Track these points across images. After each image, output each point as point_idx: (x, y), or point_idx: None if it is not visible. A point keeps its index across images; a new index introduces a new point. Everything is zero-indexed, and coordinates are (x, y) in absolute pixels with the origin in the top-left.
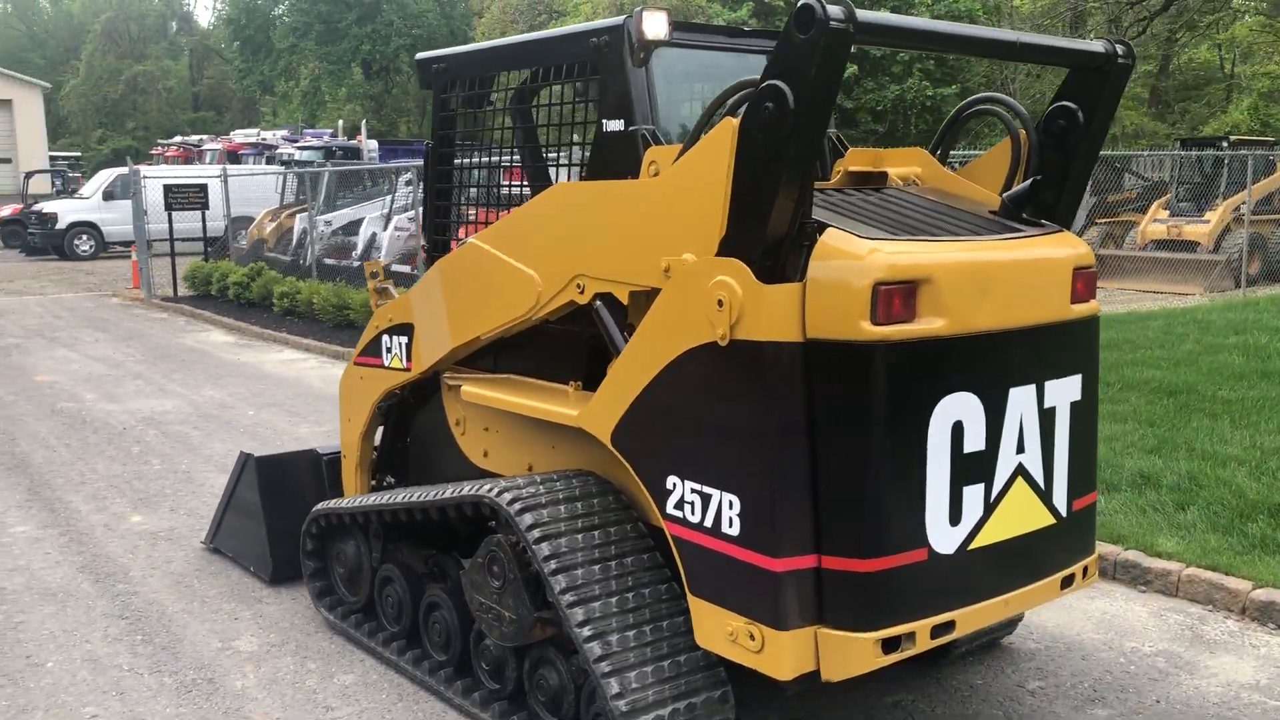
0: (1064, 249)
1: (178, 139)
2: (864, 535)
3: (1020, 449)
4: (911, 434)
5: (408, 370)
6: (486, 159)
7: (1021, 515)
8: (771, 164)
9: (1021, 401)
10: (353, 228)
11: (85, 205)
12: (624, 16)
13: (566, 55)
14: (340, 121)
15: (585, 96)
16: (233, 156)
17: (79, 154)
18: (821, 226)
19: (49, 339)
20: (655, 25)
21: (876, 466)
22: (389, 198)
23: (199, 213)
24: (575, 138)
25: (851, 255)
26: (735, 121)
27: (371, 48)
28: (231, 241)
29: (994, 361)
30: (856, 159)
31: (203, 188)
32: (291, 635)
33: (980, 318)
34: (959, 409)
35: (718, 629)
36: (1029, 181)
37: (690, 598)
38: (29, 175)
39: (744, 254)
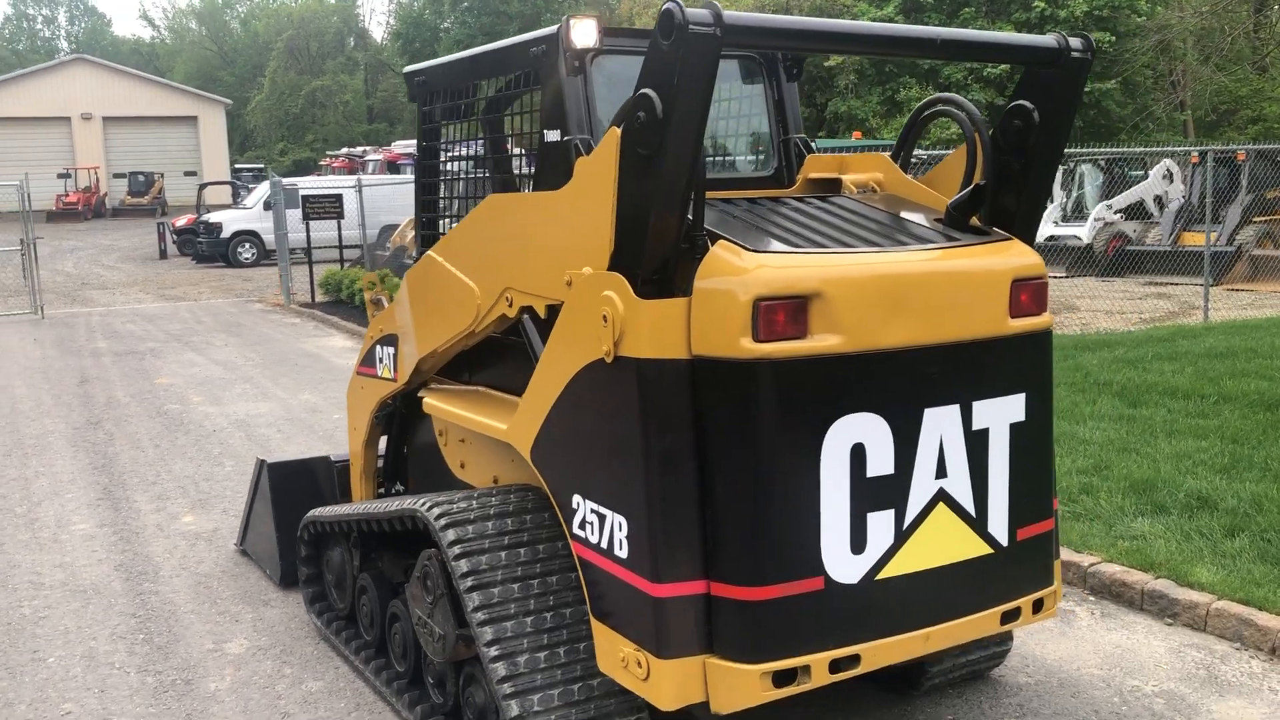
0: (1003, 259)
1: (344, 150)
2: (750, 562)
3: (941, 473)
4: (802, 457)
5: (394, 381)
6: (465, 169)
7: (946, 544)
8: (647, 175)
9: (940, 423)
10: None
11: (247, 215)
12: (559, 24)
13: (516, 65)
14: None
15: (532, 106)
16: (392, 166)
17: (262, 165)
18: (716, 239)
19: (184, 343)
20: (584, 34)
21: (762, 490)
22: None
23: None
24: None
25: (735, 270)
26: (618, 131)
27: None
28: (374, 249)
29: (904, 380)
30: (816, 165)
31: (338, 198)
32: (280, 639)
33: (886, 334)
34: (860, 430)
35: (612, 654)
36: (970, 188)
37: (592, 620)
38: (203, 186)
39: (627, 268)
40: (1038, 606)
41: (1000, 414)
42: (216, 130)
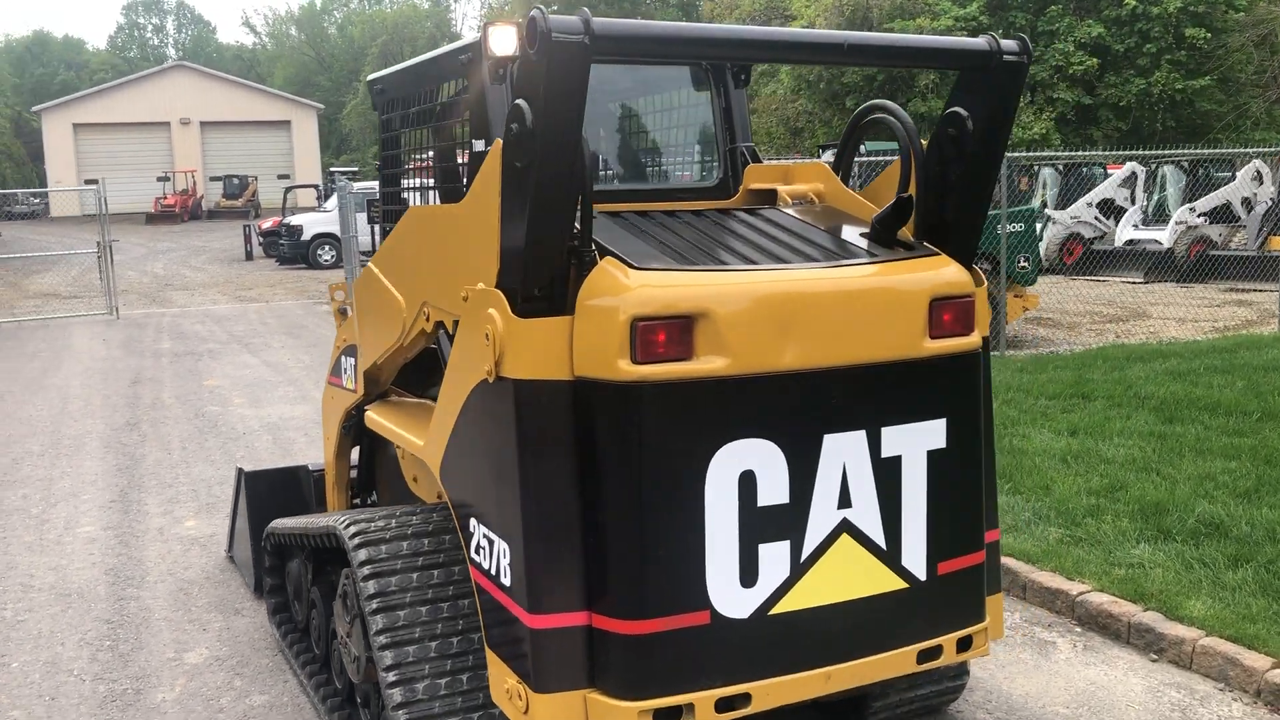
0: (920, 276)
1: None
2: (629, 594)
3: (844, 503)
4: (684, 484)
5: (355, 392)
6: (420, 176)
7: (851, 577)
8: (523, 188)
9: (843, 450)
10: None
11: (327, 218)
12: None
13: (450, 73)
14: None
15: (462, 115)
16: None
17: (356, 169)
18: (606, 255)
19: (243, 344)
20: (503, 41)
21: (641, 519)
22: None
23: None
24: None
25: (616, 288)
26: (500, 142)
27: None
28: None
29: (800, 405)
30: (756, 176)
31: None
32: (240, 650)
33: (779, 356)
34: (749, 457)
35: (499, 684)
36: (894, 201)
37: (486, 649)
38: (288, 190)
39: (509, 284)
40: (965, 644)
41: (915, 441)
42: (309, 134)
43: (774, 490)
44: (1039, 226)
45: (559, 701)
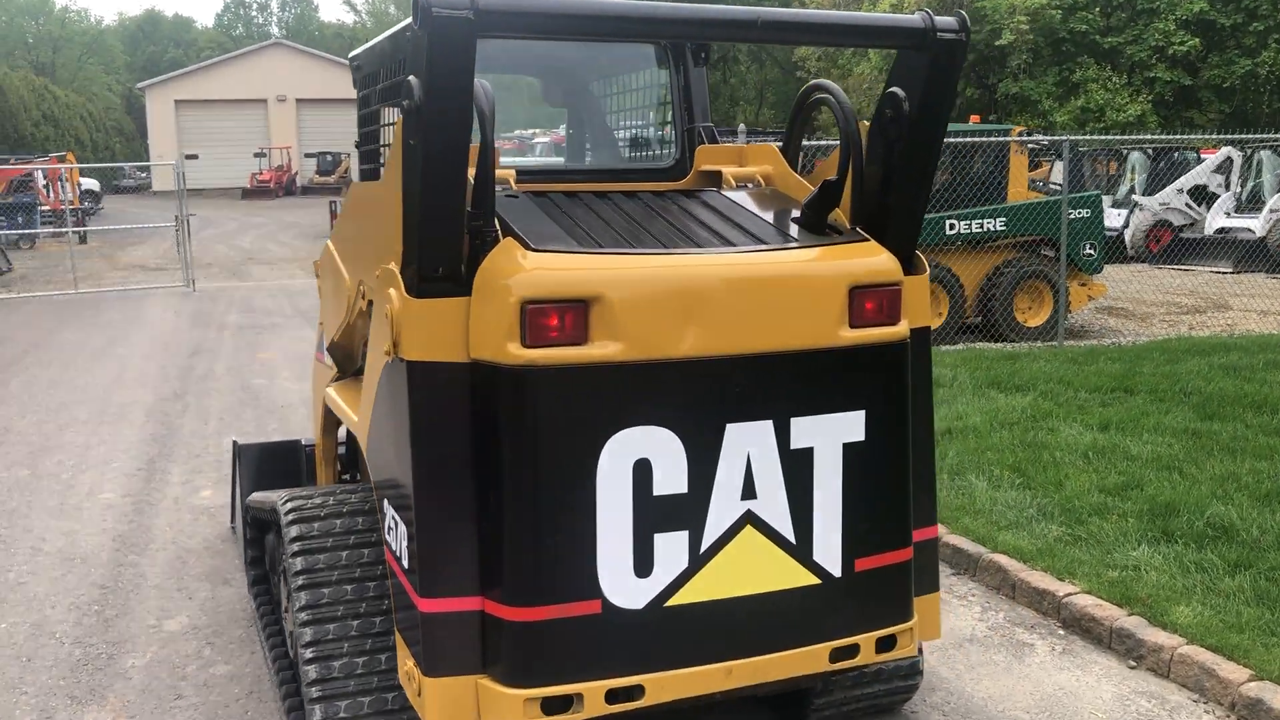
0: (839, 264)
1: (517, 132)
2: (519, 581)
3: (749, 494)
4: (575, 471)
5: (332, 368)
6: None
7: (755, 571)
8: (414, 165)
9: (747, 439)
10: None
11: None
12: None
13: (404, 50)
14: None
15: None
16: (558, 148)
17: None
18: (510, 235)
19: (306, 319)
20: None
21: (530, 505)
22: None
23: None
24: None
25: (510, 269)
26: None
27: None
28: None
29: (700, 393)
30: (707, 157)
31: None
32: (218, 620)
33: (677, 343)
34: (644, 445)
35: (402, 665)
36: (819, 186)
37: (395, 630)
38: None
39: (407, 263)
40: (886, 644)
41: (829, 433)
42: None
43: (671, 479)
44: (1124, 213)
45: (449, 686)
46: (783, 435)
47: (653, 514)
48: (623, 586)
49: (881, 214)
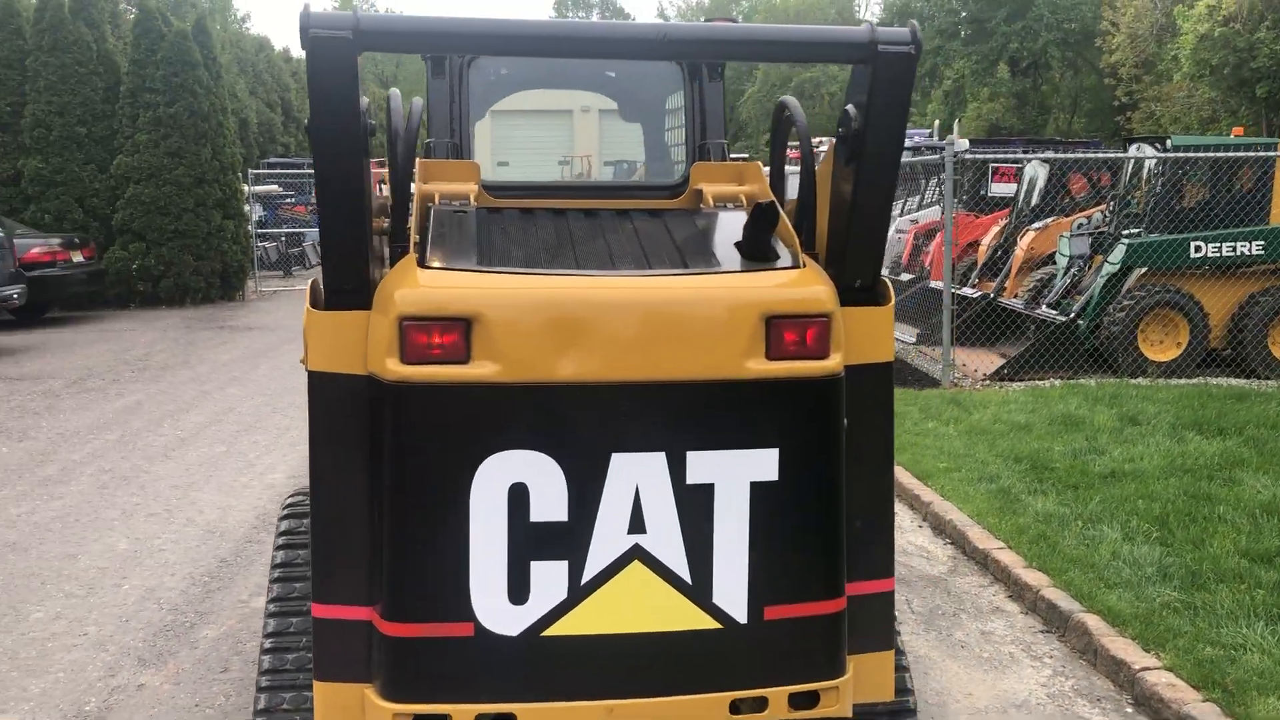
0: (756, 292)
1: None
2: (392, 595)
3: (637, 528)
4: (446, 491)
5: None
6: None
7: (643, 609)
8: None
9: (635, 471)
10: None
11: None
12: None
13: None
14: (937, 121)
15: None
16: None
17: (747, 155)
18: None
19: None
20: None
21: (402, 521)
22: (913, 199)
23: None
24: None
25: (397, 285)
26: None
27: (1019, 45)
28: None
29: (584, 420)
30: (700, 175)
31: None
32: None
33: (560, 366)
34: (521, 470)
35: None
36: (753, 208)
37: None
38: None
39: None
40: (805, 701)
41: (732, 470)
42: None
43: (550, 506)
44: None
45: (337, 691)
46: (677, 469)
47: (529, 540)
48: (497, 611)
49: (839, 238)
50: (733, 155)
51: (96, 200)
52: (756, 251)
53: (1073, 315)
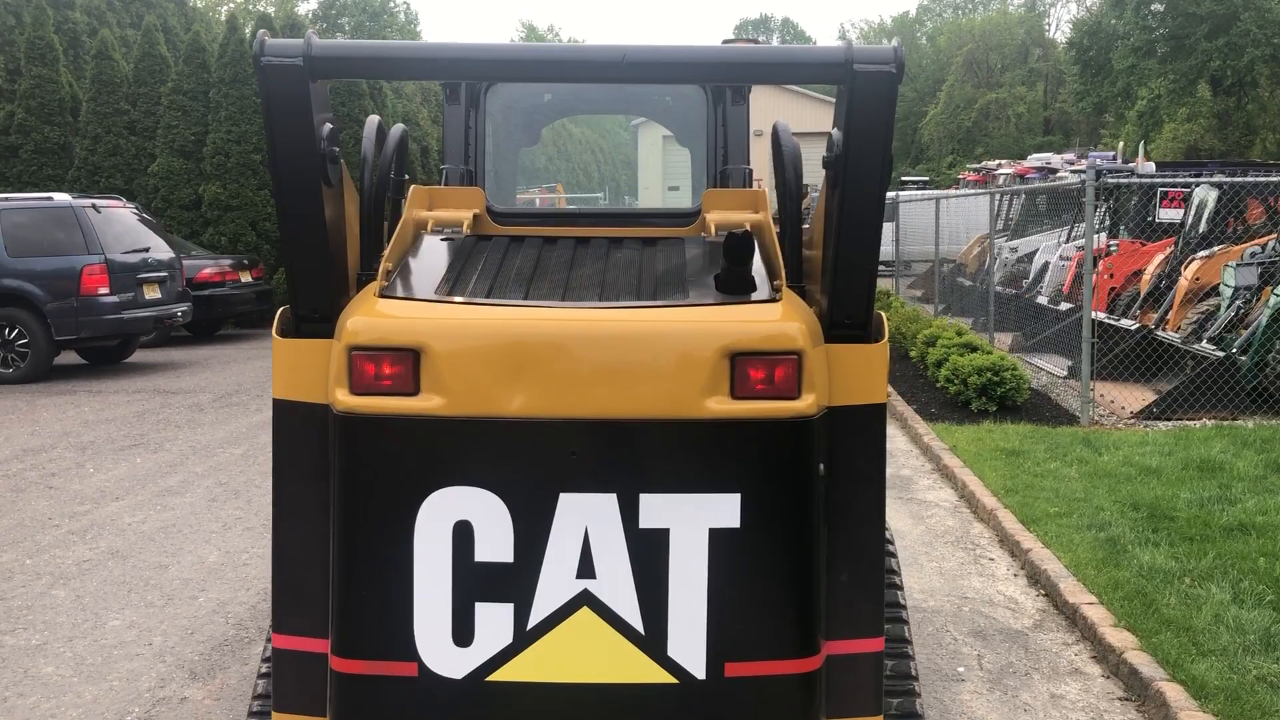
0: (718, 327)
1: (978, 165)
2: (339, 630)
3: (586, 573)
4: (390, 526)
5: None
6: None
7: (593, 658)
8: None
9: (585, 513)
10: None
11: None
12: None
13: None
14: (1121, 144)
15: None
16: (1022, 180)
17: (928, 178)
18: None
19: None
20: None
21: (348, 555)
22: (1076, 226)
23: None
24: None
25: (355, 313)
26: None
27: (1222, 62)
28: (900, 268)
29: (531, 457)
30: (710, 202)
31: None
32: None
33: (506, 401)
34: (465, 507)
35: None
36: (726, 236)
37: None
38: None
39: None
40: None
41: (689, 515)
42: None
43: (495, 546)
44: None
45: None
46: (629, 512)
47: (474, 581)
48: (441, 653)
49: (828, 268)
50: (909, 179)
51: (268, 224)
52: (733, 284)
53: (1233, 351)
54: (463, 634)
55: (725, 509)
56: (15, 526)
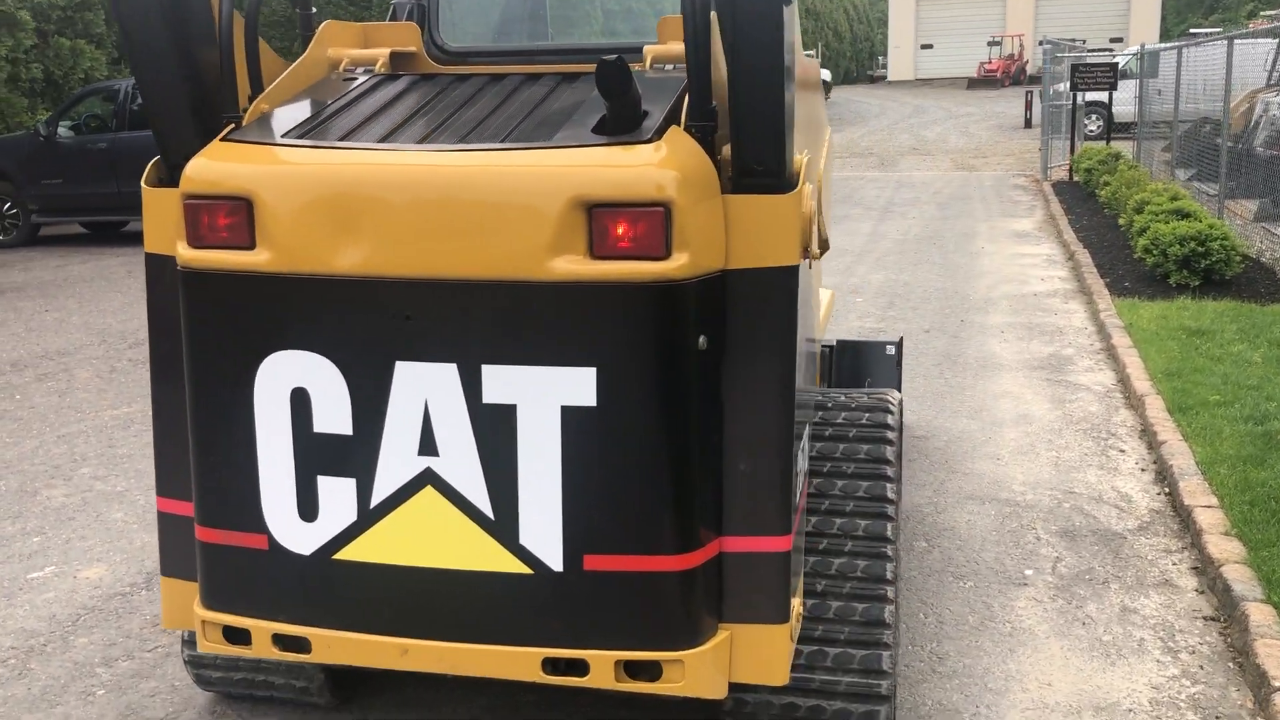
0: (570, 172)
1: (1267, 11)
2: (198, 498)
3: (429, 449)
4: (229, 390)
5: None
6: None
7: (439, 542)
8: None
9: (423, 383)
10: None
11: None
12: None
13: None
14: None
15: None
16: None
17: (1220, 29)
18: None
19: (883, 211)
20: None
21: (194, 420)
22: None
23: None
24: None
25: (197, 158)
26: None
27: None
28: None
29: (363, 321)
30: (664, 32)
31: (1112, 67)
32: None
33: (334, 257)
34: (300, 373)
35: None
36: (597, 65)
37: None
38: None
39: None
40: (643, 672)
41: (538, 390)
42: None
43: (333, 417)
44: None
45: (175, 588)
46: (471, 385)
47: (315, 452)
48: (288, 526)
49: (733, 107)
50: (1199, 30)
51: None
52: (619, 124)
53: None
54: (307, 508)
55: (579, 384)
56: None
